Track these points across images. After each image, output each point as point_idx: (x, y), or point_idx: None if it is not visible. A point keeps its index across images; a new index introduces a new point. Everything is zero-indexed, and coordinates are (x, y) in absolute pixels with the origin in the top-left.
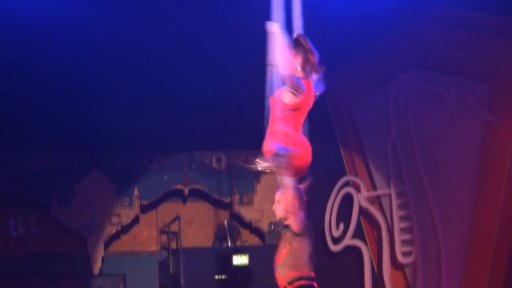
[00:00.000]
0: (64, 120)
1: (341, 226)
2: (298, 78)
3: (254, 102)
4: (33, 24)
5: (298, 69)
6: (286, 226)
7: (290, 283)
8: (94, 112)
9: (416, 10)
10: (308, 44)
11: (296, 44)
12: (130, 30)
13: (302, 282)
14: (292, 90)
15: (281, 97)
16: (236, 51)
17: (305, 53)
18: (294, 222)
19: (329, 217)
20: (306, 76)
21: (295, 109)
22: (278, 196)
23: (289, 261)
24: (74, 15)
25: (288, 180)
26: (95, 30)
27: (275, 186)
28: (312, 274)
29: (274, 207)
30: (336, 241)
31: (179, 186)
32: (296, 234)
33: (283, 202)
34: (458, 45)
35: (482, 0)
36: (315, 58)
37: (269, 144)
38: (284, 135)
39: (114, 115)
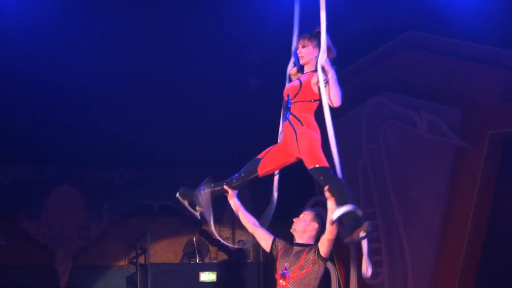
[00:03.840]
0: (35, 133)
1: None
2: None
3: (226, 119)
4: (5, 37)
5: (315, 60)
6: (303, 245)
7: None
8: (65, 126)
9: (389, 33)
10: (328, 40)
11: (316, 37)
12: (102, 44)
13: None
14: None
15: (311, 86)
16: (212, 71)
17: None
18: (327, 248)
19: None
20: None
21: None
22: (302, 214)
23: (307, 280)
24: (50, 28)
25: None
26: (68, 42)
27: None
28: None
29: (296, 220)
30: None
31: (149, 202)
32: (324, 259)
33: (306, 218)
34: (430, 69)
35: (454, 26)
36: (332, 55)
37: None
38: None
39: (85, 130)
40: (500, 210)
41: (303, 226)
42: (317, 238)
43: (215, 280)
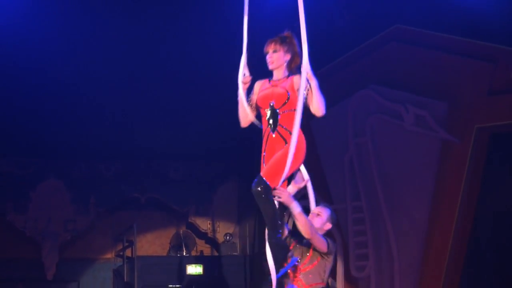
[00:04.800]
0: (22, 127)
1: None
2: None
3: (213, 113)
4: None
5: (285, 66)
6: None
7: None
8: (52, 119)
9: (376, 27)
10: (297, 45)
11: (287, 42)
12: (90, 38)
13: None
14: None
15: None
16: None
17: (294, 54)
18: (320, 243)
19: None
20: (290, 74)
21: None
22: (318, 209)
23: (318, 272)
24: (36, 21)
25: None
26: (55, 35)
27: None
28: None
29: (311, 217)
30: None
31: (135, 195)
32: (326, 254)
33: (323, 216)
34: (417, 63)
35: (442, 20)
36: (300, 60)
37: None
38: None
39: (72, 123)
40: (487, 204)
41: (320, 224)
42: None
43: (202, 273)
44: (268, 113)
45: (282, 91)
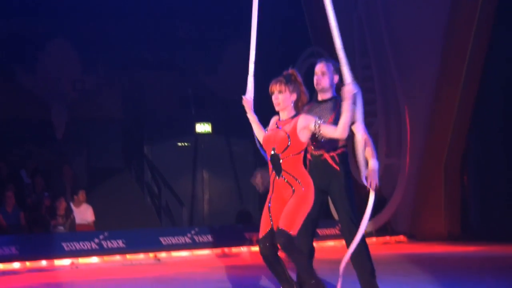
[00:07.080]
0: None
1: None
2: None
3: None
4: None
5: (291, 106)
6: (331, 99)
7: (335, 150)
8: None
9: None
10: (302, 83)
11: (292, 81)
12: None
13: (345, 149)
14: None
15: (298, 137)
16: None
17: (299, 92)
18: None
19: None
20: (296, 114)
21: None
22: (320, 68)
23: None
24: None
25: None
26: None
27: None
28: None
29: (317, 78)
30: None
31: (145, 55)
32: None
33: (328, 73)
34: None
35: None
36: (306, 98)
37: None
38: None
39: None
40: (498, 50)
41: (329, 81)
42: (339, 88)
43: (210, 132)
44: (271, 158)
45: (282, 135)
